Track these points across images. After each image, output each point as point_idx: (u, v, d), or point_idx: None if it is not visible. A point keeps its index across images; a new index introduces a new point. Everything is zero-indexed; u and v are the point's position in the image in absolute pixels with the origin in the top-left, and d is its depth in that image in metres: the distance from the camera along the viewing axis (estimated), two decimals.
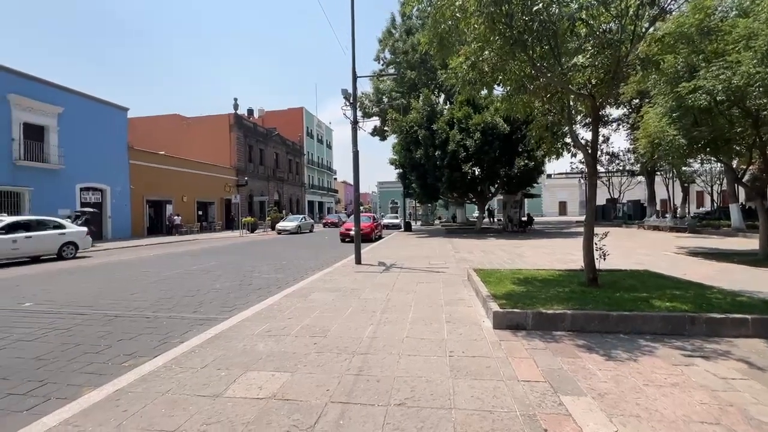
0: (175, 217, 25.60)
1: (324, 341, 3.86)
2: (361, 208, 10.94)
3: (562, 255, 10.82)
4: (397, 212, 50.17)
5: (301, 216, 31.10)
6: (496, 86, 6.52)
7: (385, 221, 32.35)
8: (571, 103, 6.36)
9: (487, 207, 27.21)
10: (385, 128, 27.49)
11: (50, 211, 16.92)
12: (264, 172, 39.80)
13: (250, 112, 45.62)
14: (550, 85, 5.73)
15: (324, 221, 39.77)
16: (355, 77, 10.28)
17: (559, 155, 8.09)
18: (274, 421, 2.39)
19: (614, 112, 28.69)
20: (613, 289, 5.14)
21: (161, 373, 3.13)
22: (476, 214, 37.87)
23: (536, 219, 32.52)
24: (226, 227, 32.05)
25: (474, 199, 24.65)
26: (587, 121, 22.03)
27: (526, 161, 18.68)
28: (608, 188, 32.97)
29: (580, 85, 5.84)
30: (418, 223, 40.75)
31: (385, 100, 26.83)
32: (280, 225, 27.69)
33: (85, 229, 14.15)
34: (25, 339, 4.43)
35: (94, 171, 20.63)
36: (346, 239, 18.01)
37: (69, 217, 16.89)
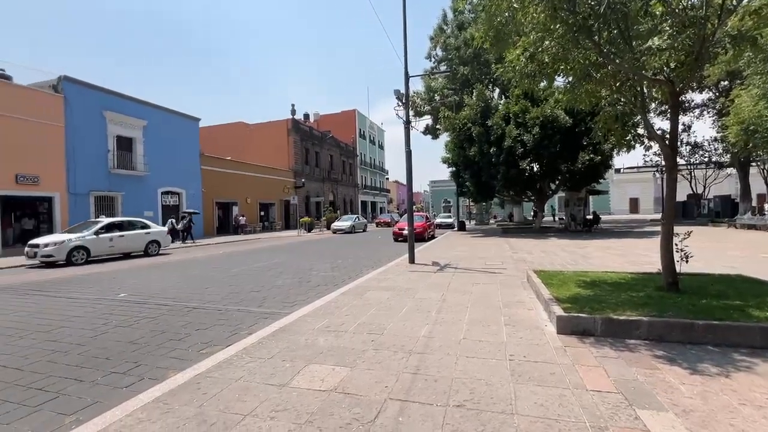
0: (241, 218, 27.54)
1: (381, 339, 3.93)
2: (414, 207, 10.95)
3: (634, 257, 9.92)
4: (450, 211, 49.36)
5: (355, 216, 31.84)
6: (557, 77, 6.15)
7: (438, 221, 32.00)
8: (645, 90, 5.81)
9: (533, 208, 25.74)
10: (437, 126, 27.17)
11: (137, 213, 19.16)
12: (319, 174, 41.36)
13: (306, 116, 47.67)
14: (620, 73, 5.28)
15: (377, 221, 40.32)
16: (407, 77, 10.29)
17: (630, 148, 7.40)
18: (336, 413, 2.49)
19: (696, 97, 25.64)
20: (698, 296, 4.60)
21: (234, 362, 3.40)
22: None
23: (603, 217, 30.14)
24: (285, 227, 33.81)
25: (532, 197, 23.47)
26: (663, 108, 19.93)
27: (591, 155, 17.38)
28: (690, 182, 29.45)
29: (655, 70, 5.30)
30: (472, 222, 39.74)
31: (437, 98, 26.49)
32: (335, 225, 28.61)
33: (165, 228, 15.82)
34: (122, 325, 5.05)
35: (172, 176, 22.92)
36: (399, 238, 18.12)
37: (175, 217, 20.45)
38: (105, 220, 13.60)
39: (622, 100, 6.06)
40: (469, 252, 12.18)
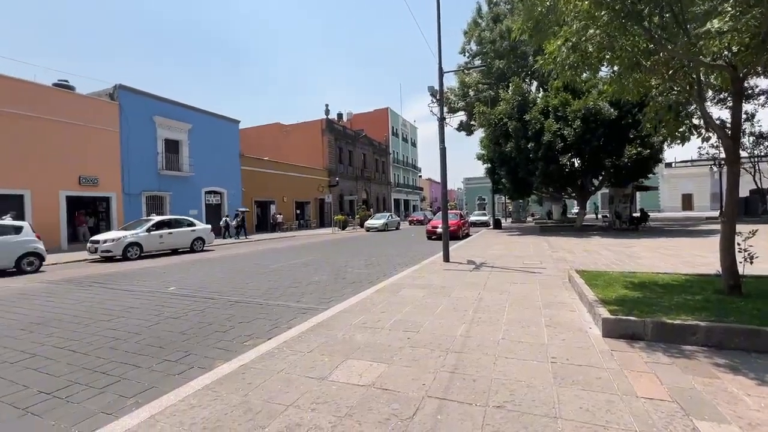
0: (278, 216, 28.47)
1: (417, 337, 3.92)
2: (448, 205, 10.80)
3: (688, 257, 9.23)
4: (484, 209, 48.33)
5: (388, 214, 31.95)
6: (601, 67, 5.84)
7: (473, 218, 31.41)
8: (702, 77, 5.38)
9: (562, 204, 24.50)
10: (472, 122, 26.63)
11: (183, 212, 20.32)
12: (353, 173, 41.86)
13: (340, 116, 48.34)
14: (673, 59, 4.93)
15: (409, 219, 40.24)
16: (441, 73, 10.17)
17: (684, 140, 6.87)
18: (375, 408, 2.52)
19: (762, 83, 23.34)
20: (765, 300, 4.22)
21: (275, 354, 3.53)
22: (575, 210, 34.50)
23: (652, 215, 28.29)
24: (320, 225, 34.55)
25: (573, 194, 22.45)
26: (723, 96, 18.36)
27: (638, 149, 16.32)
28: (753, 177, 26.91)
29: (714, 55, 4.89)
30: (508, 220, 38.65)
31: (472, 93, 25.95)
32: (369, 223, 28.86)
33: (209, 226, 16.65)
34: (172, 317, 5.39)
35: (215, 176, 24.08)
36: (433, 236, 17.98)
37: (229, 216, 22.62)
38: (155, 219, 14.54)
39: (676, 88, 5.65)
40: (505, 250, 11.86)
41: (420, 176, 69.98)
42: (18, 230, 10.52)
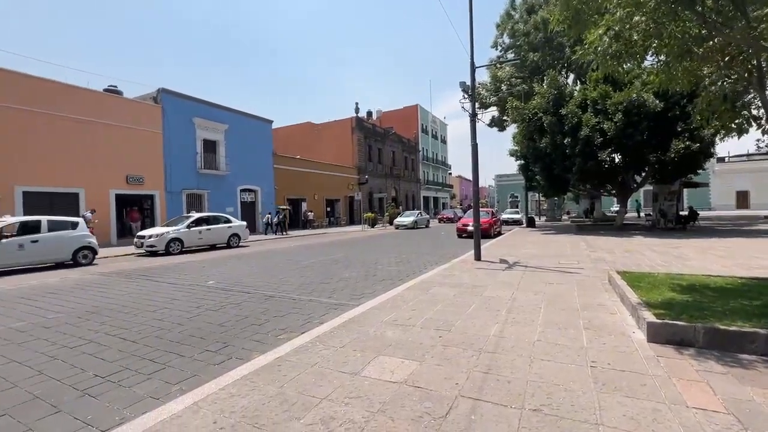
0: (309, 213, 29.07)
1: (449, 335, 3.88)
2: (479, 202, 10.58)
3: (744, 259, 8.55)
4: (517, 207, 47.03)
5: (417, 211, 31.80)
6: (647, 56, 5.50)
7: (505, 216, 30.65)
8: (764, 64, 4.94)
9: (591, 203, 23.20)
10: (504, 118, 25.92)
11: (220, 209, 21.18)
12: (382, 170, 41.97)
13: (369, 114, 48.57)
14: (729, 45, 4.57)
15: (439, 217, 39.85)
16: (473, 68, 9.96)
17: (741, 132, 6.36)
18: (408, 405, 2.52)
19: None
20: None
21: (309, 348, 3.61)
22: (615, 208, 32.92)
23: (701, 213, 26.43)
24: (349, 222, 34.94)
25: (613, 191, 21.36)
26: None
27: (686, 143, 15.26)
28: None
29: None
30: (542, 218, 37.41)
31: (504, 87, 25.23)
32: (398, 220, 28.85)
33: (245, 222, 17.27)
34: (212, 309, 5.64)
35: (249, 175, 24.91)
36: (463, 235, 17.72)
37: (270, 213, 23.89)
38: (195, 215, 15.25)
39: (732, 76, 5.24)
40: (540, 250, 11.49)
41: (450, 173, 69.09)
42: (74, 226, 11.37)
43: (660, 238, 13.87)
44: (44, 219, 10.84)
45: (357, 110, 39.49)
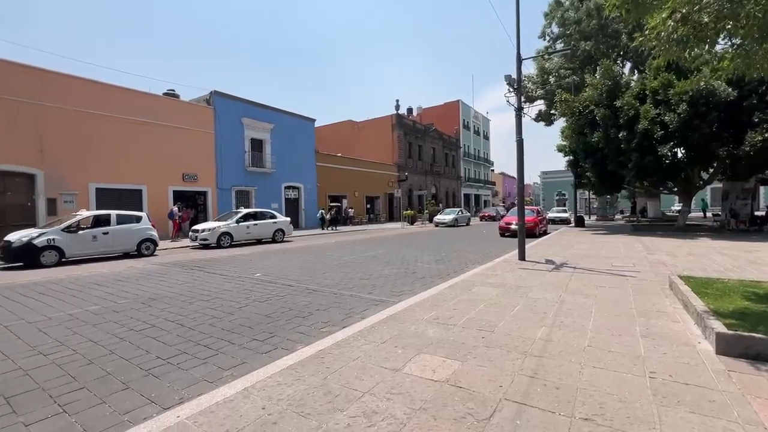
0: (349, 210, 29.57)
1: (492, 336, 3.78)
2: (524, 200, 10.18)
3: None
4: (564, 205, 44.77)
5: (458, 209, 31.26)
6: (718, 40, 4.97)
7: (551, 215, 29.31)
8: None
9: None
10: (552, 111, 24.71)
11: (266, 205, 22.15)
12: (422, 167, 41.68)
13: (410, 110, 48.35)
14: None
15: (480, 215, 38.89)
16: (519, 60, 9.57)
17: None
18: (450, 405, 2.49)
19: None
20: None
21: (350, 342, 3.67)
22: (676, 207, 30.43)
23: None
24: (389, 219, 35.09)
25: (674, 189, 19.65)
26: None
27: (765, 135, 13.67)
28: None
29: None
30: (593, 217, 35.35)
31: (552, 80, 24.02)
32: (438, 218, 28.55)
33: (289, 219, 17.92)
34: (259, 300, 5.92)
35: (293, 172, 25.79)
36: (506, 233, 17.18)
37: (324, 210, 25.17)
38: (243, 211, 16.06)
39: None
40: (590, 251, 10.85)
41: (492, 170, 67.16)
42: (138, 219, 12.42)
43: (730, 241, 12.57)
44: (114, 213, 11.94)
45: (397, 107, 39.47)
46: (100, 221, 11.53)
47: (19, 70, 14.36)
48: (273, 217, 16.94)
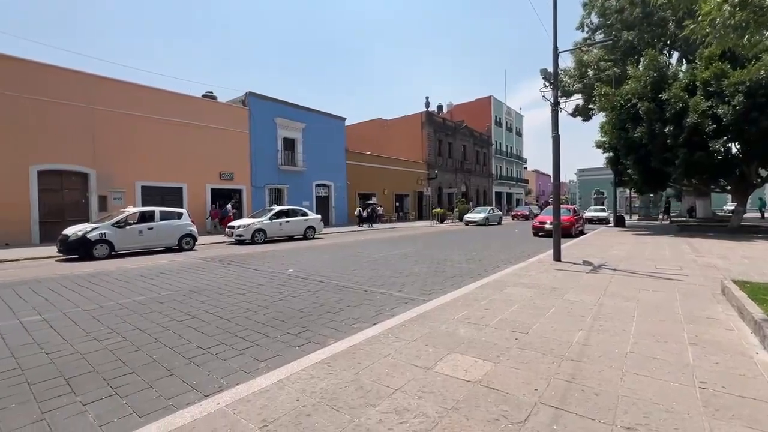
0: (378, 208, 29.68)
1: (526, 338, 3.68)
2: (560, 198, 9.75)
3: None
4: (602, 204, 42.76)
5: (489, 208, 30.62)
6: None
7: (589, 214, 28.11)
8: None
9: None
10: (590, 106, 23.67)
11: (298, 202, 22.68)
12: (452, 165, 41.14)
13: (440, 108, 47.84)
14: None
15: (513, 213, 37.89)
16: (556, 53, 9.21)
17: None
18: (482, 405, 2.45)
19: None
20: None
21: (381, 339, 3.69)
22: (729, 206, 28.42)
23: None
24: (418, 217, 34.92)
25: (727, 187, 18.25)
26: None
27: None
28: None
29: None
30: (634, 217, 33.54)
31: (591, 73, 22.95)
32: (468, 216, 28.09)
33: (319, 216, 18.25)
34: (291, 296, 6.07)
35: (323, 171, 26.22)
36: (540, 233, 16.66)
37: (362, 207, 26.00)
38: (276, 208, 16.53)
39: None
40: (631, 252, 10.31)
41: (525, 168, 65.23)
42: (179, 216, 13.08)
43: None
44: (157, 210, 12.65)
45: (427, 105, 39.15)
46: (145, 217, 12.24)
47: (74, 76, 15.50)
48: (304, 214, 17.32)
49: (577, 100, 24.59)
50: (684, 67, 18.17)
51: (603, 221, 27.78)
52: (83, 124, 15.58)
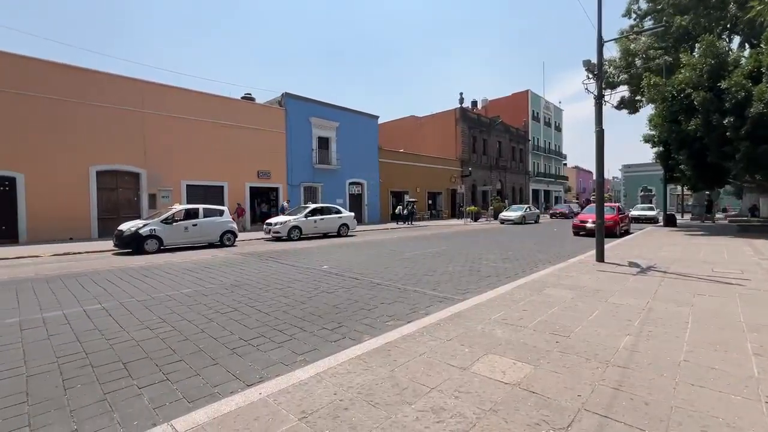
0: (398, 206, 29.57)
1: (567, 341, 3.53)
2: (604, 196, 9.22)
3: None
4: (651, 202, 40.19)
5: (526, 205, 29.65)
6: None
7: (635, 213, 26.52)
8: None
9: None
10: (638, 98, 22.25)
11: (331, 200, 23.06)
12: (487, 162, 40.21)
13: (474, 103, 46.83)
14: None
15: (551, 211, 36.46)
16: (600, 43, 8.73)
17: None
18: (522, 409, 2.38)
19: None
20: None
21: (416, 337, 3.68)
22: None
23: None
24: (451, 215, 34.47)
25: None
26: None
27: None
28: None
29: None
30: (686, 216, 31.26)
31: (638, 62, 21.55)
32: (503, 215, 27.38)
33: (353, 213, 18.48)
34: (327, 291, 6.19)
35: (357, 169, 26.48)
36: (581, 232, 15.93)
37: (401, 205, 26.56)
38: (311, 206, 16.91)
39: None
40: (683, 253, 9.61)
41: (564, 164, 62.52)
42: (221, 213, 13.72)
43: None
44: (201, 207, 13.33)
45: (461, 101, 38.49)
46: (190, 214, 12.94)
47: (127, 83, 16.63)
48: (338, 212, 17.60)
49: (623, 91, 23.19)
50: (746, 53, 16.60)
51: (651, 220, 26.09)
52: (135, 127, 16.70)
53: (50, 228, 14.60)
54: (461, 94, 38.89)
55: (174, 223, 12.32)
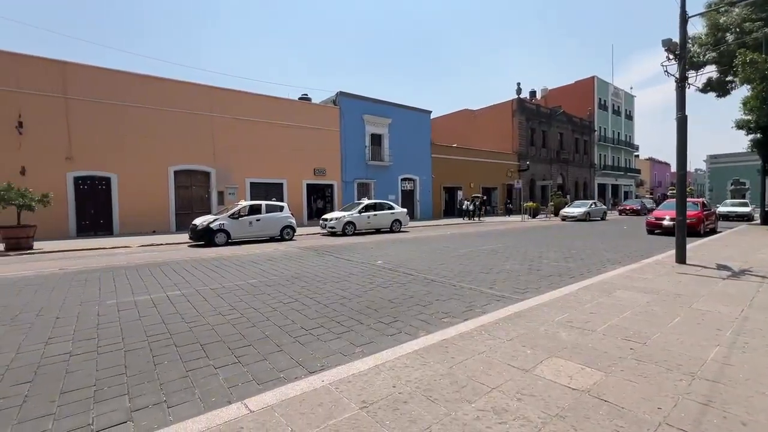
0: (465, 202, 28.91)
1: (644, 349, 3.24)
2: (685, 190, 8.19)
3: None
4: (743, 197, 35.33)
5: (591, 201, 27.56)
6: None
7: (724, 209, 23.55)
8: None
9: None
10: (729, 78, 19.58)
11: (384, 196, 23.33)
12: (546, 155, 38.02)
13: (533, 94, 44.43)
14: None
15: (620, 208, 33.50)
16: (684, 18, 7.80)
17: None
18: (593, 417, 2.23)
19: None
20: None
21: (474, 336, 3.61)
22: None
23: None
24: (507, 212, 33.11)
25: None
26: None
27: None
28: None
29: None
30: None
31: (730, 38, 18.91)
32: (565, 211, 25.75)
33: (405, 209, 18.52)
34: (381, 286, 6.28)
35: (409, 165, 26.46)
36: (656, 230, 14.50)
37: (467, 200, 26.82)
38: (365, 202, 17.23)
39: None
40: None
41: (636, 156, 57.10)
42: (281, 209, 14.49)
43: None
44: (263, 203, 14.18)
45: (519, 91, 36.72)
46: (253, 210, 13.84)
47: (197, 89, 18.15)
48: (391, 208, 17.74)
49: (710, 72, 20.51)
50: None
51: (744, 217, 22.94)
52: (205, 129, 18.21)
53: (137, 222, 16.48)
54: (518, 84, 37.10)
55: (240, 218, 13.26)
